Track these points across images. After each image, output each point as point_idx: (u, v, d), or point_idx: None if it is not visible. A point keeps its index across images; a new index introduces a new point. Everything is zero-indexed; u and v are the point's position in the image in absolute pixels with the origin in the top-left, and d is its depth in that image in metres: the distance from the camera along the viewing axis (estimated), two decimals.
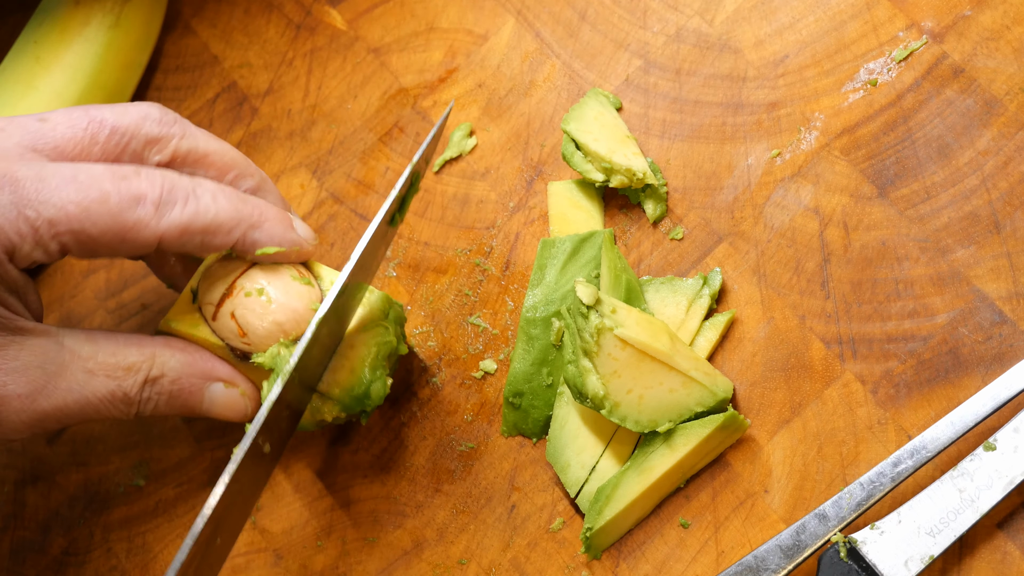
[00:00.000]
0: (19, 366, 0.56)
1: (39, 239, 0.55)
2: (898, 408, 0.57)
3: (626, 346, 0.56)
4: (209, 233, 0.57)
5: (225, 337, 0.59)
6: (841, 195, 0.61)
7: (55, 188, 0.55)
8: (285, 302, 0.58)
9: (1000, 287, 0.57)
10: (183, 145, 0.60)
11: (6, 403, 0.55)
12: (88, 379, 0.57)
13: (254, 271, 0.59)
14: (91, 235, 0.55)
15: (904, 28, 0.63)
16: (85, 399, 0.57)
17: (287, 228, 0.60)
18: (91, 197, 0.55)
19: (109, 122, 0.59)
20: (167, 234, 0.56)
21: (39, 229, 0.54)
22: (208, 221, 0.57)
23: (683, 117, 0.66)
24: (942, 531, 0.53)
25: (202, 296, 0.60)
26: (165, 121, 0.60)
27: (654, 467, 0.57)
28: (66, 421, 0.58)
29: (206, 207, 0.57)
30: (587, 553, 0.59)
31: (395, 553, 0.63)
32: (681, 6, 0.68)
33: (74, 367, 0.57)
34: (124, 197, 0.55)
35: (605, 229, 0.63)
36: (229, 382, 0.61)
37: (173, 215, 0.56)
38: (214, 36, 0.78)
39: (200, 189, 0.58)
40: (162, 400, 0.60)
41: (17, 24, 0.79)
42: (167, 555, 0.66)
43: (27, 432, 0.57)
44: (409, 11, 0.74)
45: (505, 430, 0.63)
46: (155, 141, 0.59)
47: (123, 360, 0.58)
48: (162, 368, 0.59)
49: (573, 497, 0.59)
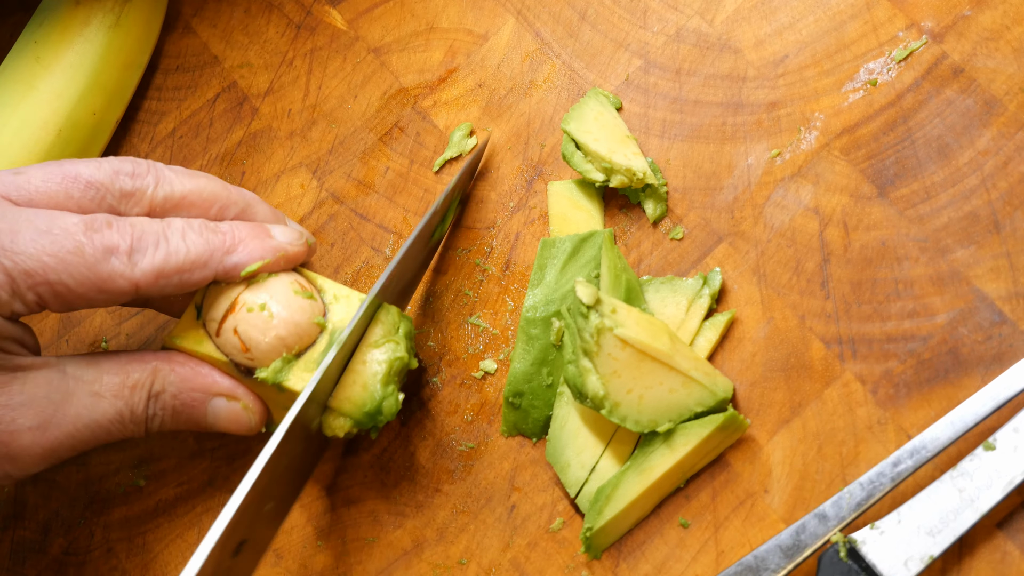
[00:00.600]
0: (25, 400, 0.56)
1: (16, 289, 0.55)
2: (898, 408, 0.57)
3: (626, 346, 0.56)
4: (184, 271, 0.58)
5: (229, 353, 0.59)
6: (841, 195, 0.61)
7: (30, 240, 0.55)
8: (287, 317, 0.59)
9: (1000, 287, 0.57)
10: (158, 194, 0.60)
11: (17, 438, 0.55)
12: (96, 402, 0.57)
13: (256, 287, 0.59)
14: (68, 287, 0.56)
15: (904, 28, 0.63)
16: (95, 422, 0.57)
17: (264, 239, 0.60)
18: (67, 249, 0.55)
19: (83, 177, 0.59)
20: (142, 281, 0.57)
21: (16, 280, 0.55)
22: (180, 261, 0.58)
23: (683, 117, 0.66)
24: (942, 531, 0.53)
25: (206, 312, 0.60)
26: (138, 174, 0.60)
27: (654, 467, 0.57)
28: (79, 448, 0.58)
29: (176, 248, 0.58)
30: (587, 553, 0.59)
31: (395, 553, 0.63)
32: (681, 6, 0.68)
33: (80, 392, 0.57)
34: (98, 248, 0.56)
35: (605, 229, 0.63)
36: (231, 396, 0.61)
37: (145, 262, 0.57)
38: (214, 36, 0.78)
39: (169, 231, 0.58)
40: (167, 415, 0.60)
41: (17, 24, 0.79)
42: (167, 555, 0.66)
43: (41, 465, 0.57)
44: (409, 11, 0.74)
45: (505, 430, 0.63)
46: (130, 195, 0.60)
47: (127, 379, 0.58)
48: (163, 383, 0.59)
49: (573, 497, 0.59)
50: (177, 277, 0.58)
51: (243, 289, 0.60)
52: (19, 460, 0.56)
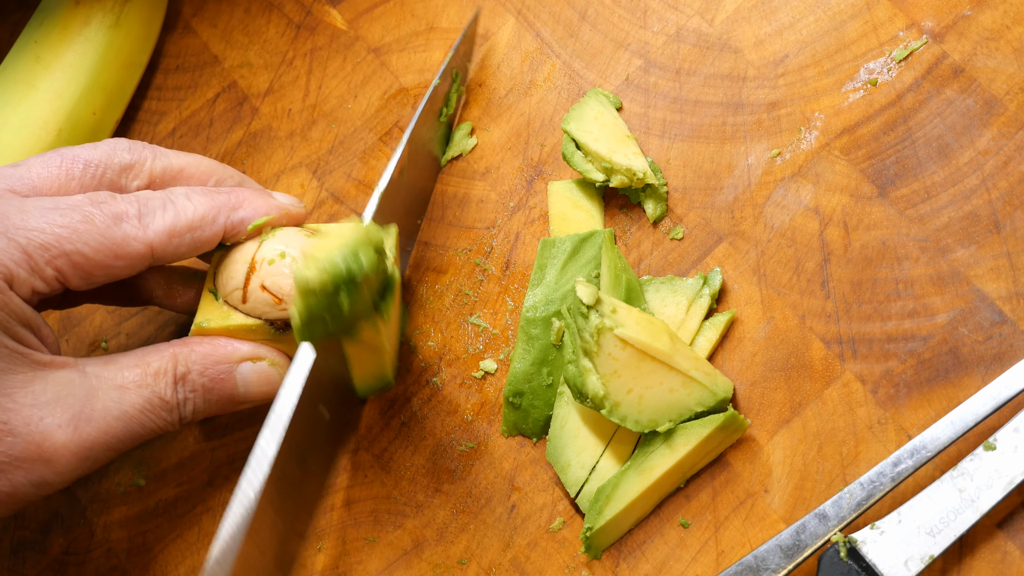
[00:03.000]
0: (51, 398, 0.55)
1: (34, 265, 0.55)
2: (898, 408, 0.57)
3: (626, 346, 0.56)
4: (195, 228, 0.59)
5: (263, 313, 0.60)
6: (841, 195, 0.61)
7: (40, 216, 0.56)
8: None
9: (1000, 287, 0.57)
10: (157, 165, 0.62)
11: (50, 437, 0.54)
12: (121, 395, 0.57)
13: (268, 242, 0.61)
14: (85, 255, 0.56)
15: (904, 28, 0.63)
16: (126, 414, 0.57)
17: (268, 198, 0.62)
18: (77, 219, 0.56)
19: (82, 157, 0.60)
20: (156, 241, 0.58)
21: (33, 255, 0.55)
22: (190, 218, 0.59)
23: (683, 117, 0.66)
24: (942, 531, 0.53)
25: (224, 287, 0.61)
26: (135, 148, 0.62)
27: (654, 467, 0.57)
28: (115, 446, 0.57)
29: (183, 207, 0.60)
30: (587, 553, 0.59)
31: (395, 553, 0.63)
32: (681, 6, 0.68)
33: (104, 388, 0.57)
34: (107, 216, 0.57)
35: (605, 229, 0.63)
36: (255, 357, 0.61)
37: (156, 223, 0.58)
38: (214, 36, 0.78)
39: (173, 195, 0.60)
40: (199, 397, 0.60)
41: (17, 24, 0.79)
42: (167, 555, 0.66)
43: (79, 468, 0.56)
44: (409, 11, 0.74)
45: (505, 430, 0.63)
46: (129, 168, 0.61)
47: (148, 368, 0.58)
48: (187, 364, 0.59)
49: (573, 497, 0.59)
50: (189, 235, 0.59)
51: (257, 248, 0.61)
52: (55, 463, 0.55)
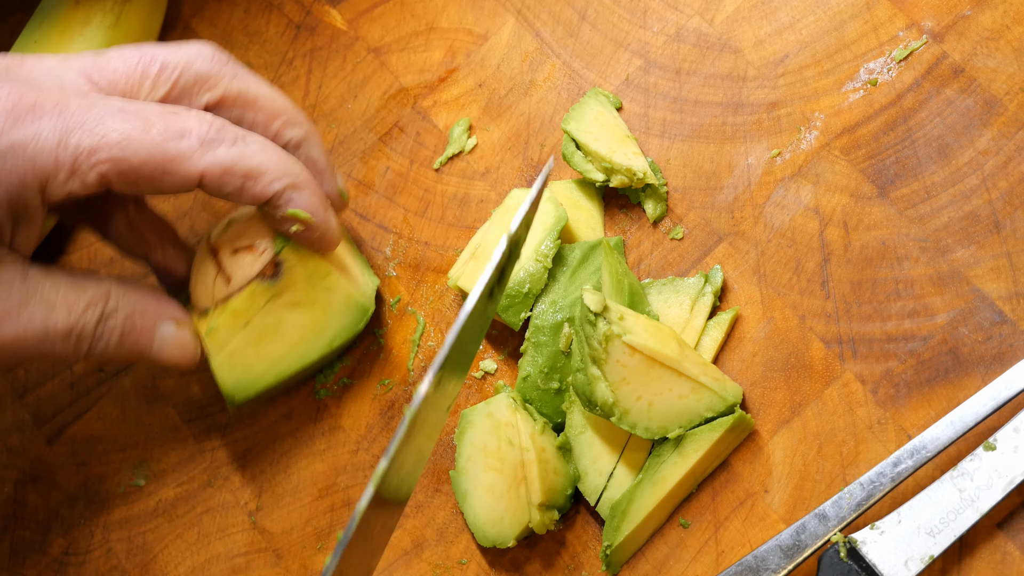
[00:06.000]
0: None
1: (77, 168, 0.55)
2: (898, 408, 0.57)
3: (635, 353, 0.56)
4: (252, 178, 0.58)
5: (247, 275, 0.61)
6: (841, 195, 0.61)
7: (101, 117, 0.56)
8: None
9: (1000, 287, 0.57)
10: (233, 85, 0.61)
11: None
12: (49, 312, 0.57)
13: None
14: (132, 164, 0.56)
15: (904, 28, 0.63)
16: (44, 331, 0.57)
17: (324, 206, 0.61)
18: (135, 126, 0.56)
19: (160, 57, 0.59)
20: (209, 171, 0.57)
21: (78, 158, 0.55)
22: (254, 166, 0.58)
23: (683, 117, 0.66)
24: (942, 531, 0.53)
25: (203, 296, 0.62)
26: (217, 60, 0.61)
27: (667, 477, 0.57)
28: (19, 355, 0.57)
29: (253, 152, 0.58)
30: (607, 570, 0.59)
31: (395, 553, 0.63)
32: (681, 6, 0.68)
33: (36, 299, 0.57)
34: (169, 129, 0.56)
35: (611, 237, 0.63)
36: (182, 321, 0.61)
37: (219, 152, 0.57)
38: (214, 36, 0.78)
39: (250, 137, 0.59)
40: (114, 337, 0.60)
41: (17, 24, 0.79)
42: (167, 555, 0.66)
43: None
44: (409, 11, 0.74)
45: None
46: (205, 79, 0.60)
47: (82, 294, 0.58)
48: (116, 302, 0.59)
49: (593, 505, 0.59)
50: (242, 181, 0.58)
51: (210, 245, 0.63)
52: None
